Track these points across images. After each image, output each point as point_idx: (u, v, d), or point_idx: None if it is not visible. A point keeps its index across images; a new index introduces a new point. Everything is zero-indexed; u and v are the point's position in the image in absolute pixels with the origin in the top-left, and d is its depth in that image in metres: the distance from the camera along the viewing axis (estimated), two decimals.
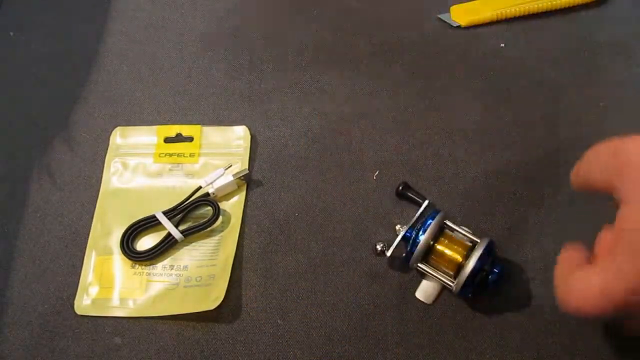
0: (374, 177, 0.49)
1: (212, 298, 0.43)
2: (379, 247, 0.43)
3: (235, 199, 0.48)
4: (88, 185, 0.50)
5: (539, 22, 0.55)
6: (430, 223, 0.41)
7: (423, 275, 0.43)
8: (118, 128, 0.52)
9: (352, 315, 0.44)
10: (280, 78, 0.54)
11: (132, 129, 0.52)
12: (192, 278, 0.45)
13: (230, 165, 0.49)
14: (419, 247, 0.41)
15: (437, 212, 0.42)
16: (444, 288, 0.43)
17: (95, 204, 0.49)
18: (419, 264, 0.42)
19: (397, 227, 0.43)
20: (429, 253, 0.42)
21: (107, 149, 0.51)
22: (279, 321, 0.44)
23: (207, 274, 0.45)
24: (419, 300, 0.43)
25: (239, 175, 0.48)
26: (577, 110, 0.51)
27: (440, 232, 0.42)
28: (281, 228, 0.47)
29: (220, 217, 0.47)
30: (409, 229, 0.43)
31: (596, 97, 0.51)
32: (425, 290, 0.43)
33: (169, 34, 0.58)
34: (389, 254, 0.43)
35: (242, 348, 0.43)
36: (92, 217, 0.48)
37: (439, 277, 0.41)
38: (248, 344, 0.43)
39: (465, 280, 0.39)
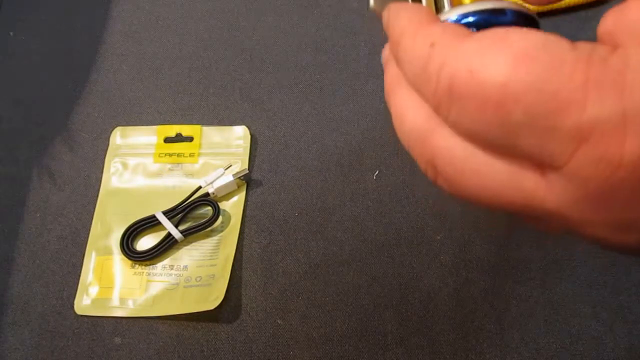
0: (374, 177, 0.49)
1: (212, 298, 0.43)
2: None
3: (235, 199, 0.48)
4: (88, 185, 0.50)
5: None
6: None
7: None
8: (118, 128, 0.52)
9: (352, 315, 0.44)
10: (280, 78, 0.54)
11: (132, 129, 0.52)
12: (192, 278, 0.45)
13: (230, 165, 0.49)
14: None
15: None
16: None
17: (95, 204, 0.49)
18: None
19: None
20: None
21: (107, 149, 0.51)
22: (279, 321, 0.44)
23: (207, 274, 0.45)
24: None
25: (239, 175, 0.48)
26: None
27: None
28: (281, 228, 0.47)
29: (220, 217, 0.47)
30: None
31: None
32: None
33: (169, 34, 0.58)
34: None
35: (242, 348, 0.43)
36: (92, 217, 0.48)
37: None
38: (248, 344, 0.43)
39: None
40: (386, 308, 0.43)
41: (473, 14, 0.21)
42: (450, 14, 0.22)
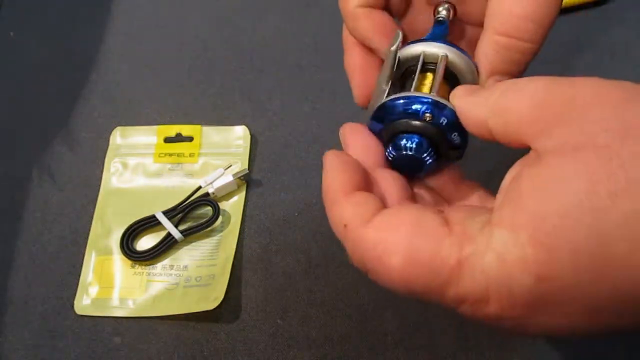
0: None
1: (212, 298, 0.43)
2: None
3: (235, 199, 0.48)
4: (88, 185, 0.50)
5: None
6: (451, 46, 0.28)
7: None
8: (118, 128, 0.52)
9: (352, 315, 0.44)
10: (280, 78, 0.54)
11: (132, 129, 0.52)
12: (192, 278, 0.45)
13: (230, 165, 0.49)
14: (418, 44, 0.28)
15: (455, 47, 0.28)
16: None
17: (95, 204, 0.49)
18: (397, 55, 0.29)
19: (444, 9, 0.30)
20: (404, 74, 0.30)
21: (107, 149, 0.51)
22: (279, 321, 0.44)
23: (207, 273, 0.45)
24: None
25: (238, 175, 0.48)
26: None
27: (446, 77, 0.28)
28: (281, 228, 0.47)
29: (220, 217, 0.47)
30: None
31: None
32: None
33: (169, 34, 0.58)
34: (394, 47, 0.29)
35: (242, 348, 0.43)
36: (92, 217, 0.48)
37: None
38: (248, 344, 0.43)
39: (377, 106, 0.28)
40: (386, 308, 0.43)
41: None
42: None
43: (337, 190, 0.25)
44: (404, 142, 0.26)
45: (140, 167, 0.50)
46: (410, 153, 0.26)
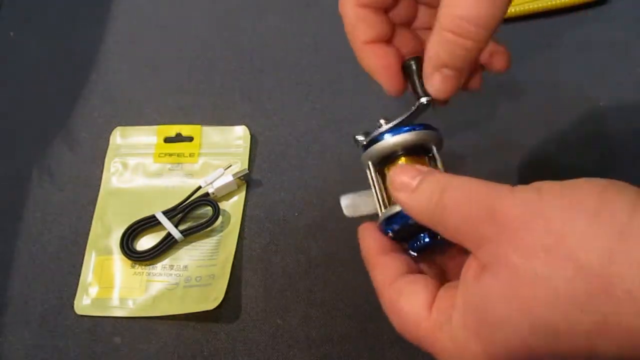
0: None
1: (212, 298, 0.43)
2: (359, 138, 0.35)
3: (235, 198, 0.48)
4: (88, 185, 0.50)
5: (539, 22, 0.55)
6: (408, 130, 0.33)
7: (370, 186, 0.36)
8: (118, 128, 0.52)
9: (351, 315, 0.44)
10: (280, 78, 0.54)
11: (132, 129, 0.52)
12: (192, 278, 0.45)
13: (230, 165, 0.49)
14: (378, 143, 0.33)
15: (430, 128, 0.34)
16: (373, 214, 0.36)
17: (95, 204, 0.49)
18: (370, 168, 0.35)
19: (382, 121, 0.35)
20: (387, 162, 0.34)
21: (107, 149, 0.51)
22: (278, 321, 0.44)
23: (207, 273, 0.45)
24: (340, 205, 0.37)
25: (238, 175, 0.48)
26: (577, 110, 0.51)
27: (416, 152, 0.34)
28: (281, 228, 0.47)
29: (220, 217, 0.47)
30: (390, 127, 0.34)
31: (596, 97, 0.51)
32: (353, 200, 0.36)
33: (169, 34, 0.58)
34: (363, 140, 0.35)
35: (242, 348, 0.43)
36: (92, 217, 0.48)
37: (378, 196, 0.34)
38: (248, 344, 0.43)
39: (388, 218, 0.33)
40: None
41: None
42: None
43: (371, 254, 0.32)
44: (418, 242, 0.33)
45: (140, 167, 0.50)
46: (426, 243, 0.33)
